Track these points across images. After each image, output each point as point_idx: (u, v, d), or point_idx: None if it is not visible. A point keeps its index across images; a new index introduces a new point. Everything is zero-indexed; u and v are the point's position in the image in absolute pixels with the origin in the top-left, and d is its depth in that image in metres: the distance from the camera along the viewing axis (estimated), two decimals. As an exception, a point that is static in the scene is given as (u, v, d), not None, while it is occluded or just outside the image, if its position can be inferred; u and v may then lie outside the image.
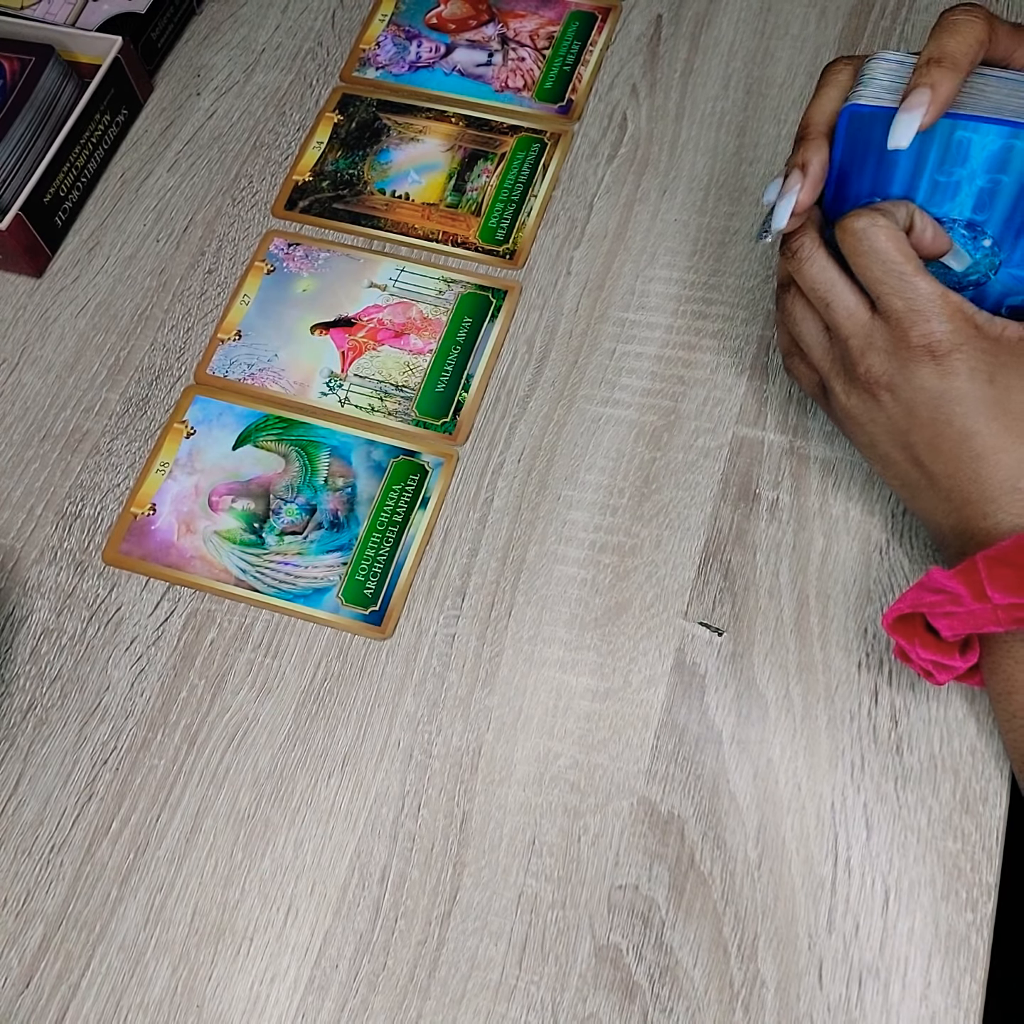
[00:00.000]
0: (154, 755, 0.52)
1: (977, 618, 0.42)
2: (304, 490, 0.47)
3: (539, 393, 0.60)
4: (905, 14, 0.70)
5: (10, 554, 0.57)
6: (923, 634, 0.44)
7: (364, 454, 0.48)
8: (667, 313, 0.62)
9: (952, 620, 0.42)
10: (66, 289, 0.66)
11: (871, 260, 0.44)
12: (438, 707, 0.52)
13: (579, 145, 0.68)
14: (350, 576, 0.45)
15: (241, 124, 0.71)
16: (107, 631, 0.55)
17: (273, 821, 0.50)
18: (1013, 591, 0.40)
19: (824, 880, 0.47)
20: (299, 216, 0.66)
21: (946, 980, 0.45)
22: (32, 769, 0.52)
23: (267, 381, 0.47)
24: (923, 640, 0.44)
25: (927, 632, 0.44)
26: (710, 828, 0.48)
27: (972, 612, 0.42)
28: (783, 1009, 0.45)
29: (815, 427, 0.57)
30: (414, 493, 0.48)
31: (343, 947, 0.48)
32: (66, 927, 0.49)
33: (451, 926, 0.48)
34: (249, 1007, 0.47)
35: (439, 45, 0.71)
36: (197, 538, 0.45)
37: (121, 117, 0.70)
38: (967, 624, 0.42)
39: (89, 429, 0.61)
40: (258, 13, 0.76)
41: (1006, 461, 0.43)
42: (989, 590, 0.41)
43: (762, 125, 0.67)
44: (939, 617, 0.43)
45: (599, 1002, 0.46)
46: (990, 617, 0.41)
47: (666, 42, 0.71)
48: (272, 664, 0.54)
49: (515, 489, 0.57)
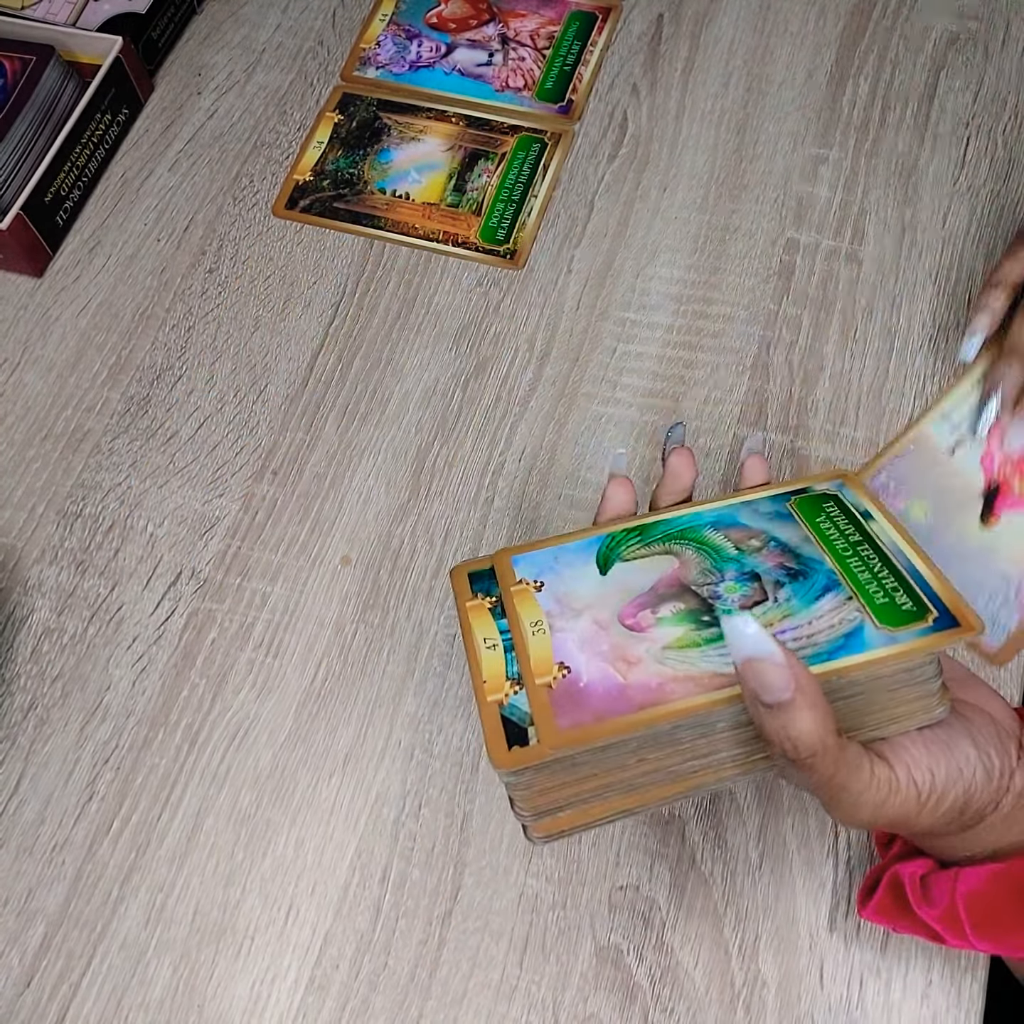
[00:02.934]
0: (155, 754, 0.52)
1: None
2: (724, 566, 0.40)
3: (540, 392, 0.60)
4: (906, 14, 0.70)
5: (11, 553, 0.57)
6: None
7: (751, 513, 0.41)
8: (668, 312, 0.62)
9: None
10: (67, 288, 0.66)
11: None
12: (439, 707, 0.52)
13: (580, 144, 0.68)
14: (870, 598, 0.37)
15: (242, 123, 0.71)
16: (108, 630, 0.55)
17: (274, 821, 0.50)
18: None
19: (824, 880, 0.47)
20: (300, 216, 0.66)
21: (947, 980, 0.45)
22: (33, 768, 0.52)
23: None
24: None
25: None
26: (711, 828, 0.48)
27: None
28: (784, 1009, 0.45)
29: (815, 427, 0.57)
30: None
31: (344, 947, 0.48)
32: (67, 926, 0.49)
33: (452, 926, 0.48)
34: (250, 1006, 0.47)
35: (439, 45, 0.71)
36: (649, 665, 0.36)
37: (122, 117, 0.70)
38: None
39: (90, 428, 0.61)
40: (259, 13, 0.76)
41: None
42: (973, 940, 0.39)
43: (762, 123, 0.67)
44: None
45: (600, 1002, 0.46)
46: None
47: (667, 41, 0.71)
48: (273, 664, 0.54)
49: (515, 488, 0.57)
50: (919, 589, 0.35)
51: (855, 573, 0.37)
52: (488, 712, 0.35)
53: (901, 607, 0.35)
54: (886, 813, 0.35)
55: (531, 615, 0.38)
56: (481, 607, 0.39)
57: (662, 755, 0.35)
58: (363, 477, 0.58)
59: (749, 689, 0.33)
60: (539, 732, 0.34)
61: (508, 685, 0.36)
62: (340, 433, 0.60)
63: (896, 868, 0.41)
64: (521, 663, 0.36)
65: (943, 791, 0.35)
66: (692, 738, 0.35)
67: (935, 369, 0.58)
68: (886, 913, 0.42)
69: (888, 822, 0.36)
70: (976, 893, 0.39)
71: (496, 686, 0.36)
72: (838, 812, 0.35)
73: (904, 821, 0.36)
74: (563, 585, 0.39)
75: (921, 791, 0.35)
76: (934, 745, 0.36)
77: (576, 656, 0.36)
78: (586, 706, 0.35)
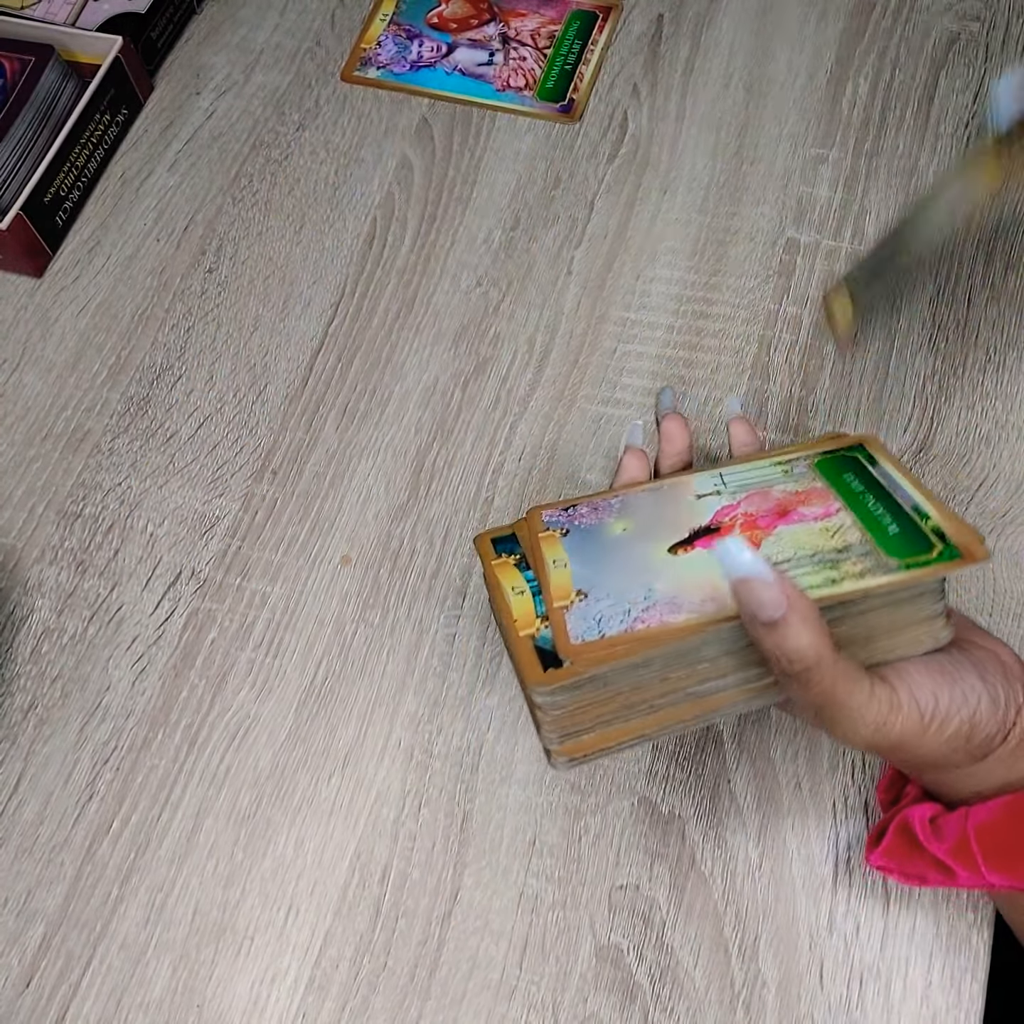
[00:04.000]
0: (155, 755, 0.52)
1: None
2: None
3: (540, 392, 0.60)
4: (906, 14, 0.70)
5: (11, 553, 0.57)
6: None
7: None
8: (668, 313, 0.62)
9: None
10: (67, 289, 0.66)
11: None
12: (439, 706, 0.52)
13: (580, 144, 0.68)
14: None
15: (241, 124, 0.71)
16: (108, 630, 0.55)
17: (274, 821, 0.50)
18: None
19: (824, 880, 0.47)
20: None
21: (947, 980, 0.45)
22: (33, 768, 0.52)
23: (663, 616, 0.37)
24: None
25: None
26: (711, 828, 0.48)
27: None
28: (784, 1009, 0.45)
29: (815, 427, 0.57)
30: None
31: (343, 947, 0.48)
32: (67, 926, 0.49)
33: (452, 926, 0.48)
34: (249, 1007, 0.47)
35: (440, 44, 0.71)
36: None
37: (121, 117, 0.70)
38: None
39: (90, 428, 0.61)
40: (257, 13, 0.76)
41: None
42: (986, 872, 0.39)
43: (762, 125, 0.67)
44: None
45: (600, 1002, 0.46)
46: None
47: (667, 42, 0.71)
48: (273, 663, 0.54)
49: (515, 488, 0.57)
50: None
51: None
52: (521, 644, 0.39)
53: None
54: (889, 733, 0.36)
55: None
56: (507, 563, 0.43)
57: (683, 675, 0.38)
58: (363, 477, 0.58)
59: (746, 609, 0.35)
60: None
61: (538, 621, 0.39)
62: (340, 433, 0.60)
63: (905, 812, 0.42)
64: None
65: (947, 714, 0.37)
66: (713, 656, 0.38)
67: (935, 369, 0.58)
68: (894, 855, 0.42)
69: (892, 744, 0.37)
70: (988, 824, 0.39)
71: (527, 623, 0.39)
72: (839, 730, 0.37)
73: (909, 744, 0.37)
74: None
75: (924, 712, 0.36)
76: (939, 674, 0.38)
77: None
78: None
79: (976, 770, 0.39)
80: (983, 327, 0.59)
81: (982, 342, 0.59)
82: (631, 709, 0.38)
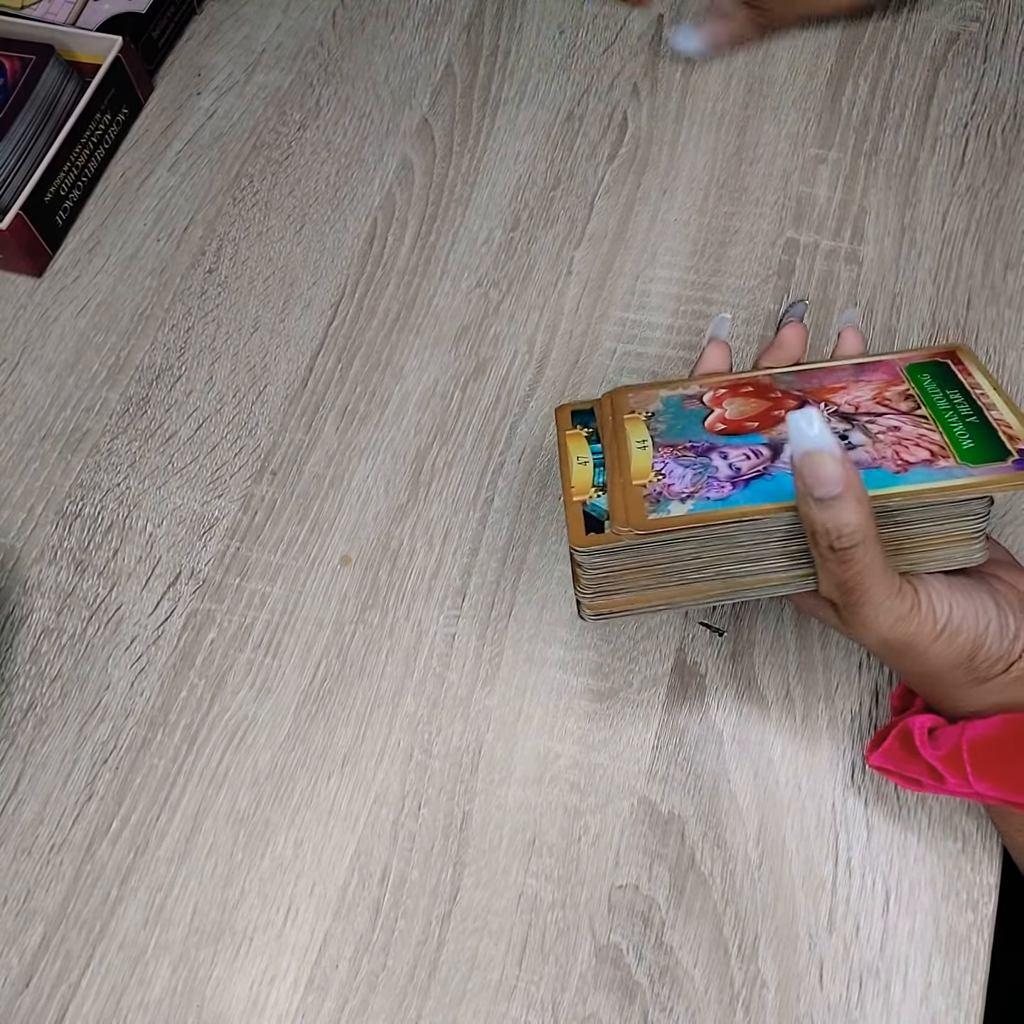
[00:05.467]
0: (154, 755, 0.52)
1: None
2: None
3: (539, 393, 0.60)
4: (906, 14, 0.70)
5: (10, 553, 0.57)
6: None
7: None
8: (668, 313, 0.62)
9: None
10: (66, 289, 0.66)
11: None
12: (438, 707, 0.52)
13: (579, 145, 0.68)
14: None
15: (242, 124, 0.71)
16: (107, 630, 0.55)
17: (273, 821, 0.50)
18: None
19: (824, 880, 0.47)
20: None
21: (947, 981, 0.45)
22: (32, 768, 0.52)
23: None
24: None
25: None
26: (710, 828, 0.48)
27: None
28: (783, 1009, 0.45)
29: (816, 427, 0.57)
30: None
31: (343, 947, 0.48)
32: (66, 926, 0.49)
33: (451, 926, 0.48)
34: (249, 1007, 0.47)
35: (757, 449, 0.44)
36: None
37: (122, 117, 0.70)
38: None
39: (89, 428, 0.61)
40: (259, 12, 0.76)
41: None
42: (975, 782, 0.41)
43: (762, 124, 0.67)
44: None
45: (599, 1002, 0.46)
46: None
47: (667, 41, 0.71)
48: (272, 664, 0.54)
49: (515, 489, 0.57)
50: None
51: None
52: (573, 508, 0.42)
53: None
54: (902, 631, 0.38)
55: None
56: (579, 435, 0.46)
57: (717, 554, 0.40)
58: (362, 478, 0.58)
59: (803, 484, 0.36)
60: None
61: (593, 491, 0.43)
62: (339, 434, 0.60)
63: (907, 720, 0.43)
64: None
65: (958, 626, 0.39)
66: (748, 542, 0.40)
67: (935, 369, 0.58)
68: (892, 758, 0.44)
69: (901, 645, 0.39)
70: (981, 737, 0.40)
71: (582, 490, 0.43)
72: (858, 617, 0.39)
73: (917, 648, 0.39)
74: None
75: (939, 619, 0.39)
76: (959, 590, 0.40)
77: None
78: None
79: (976, 692, 0.40)
80: (983, 327, 0.59)
81: (982, 342, 0.59)
82: (663, 578, 0.41)
